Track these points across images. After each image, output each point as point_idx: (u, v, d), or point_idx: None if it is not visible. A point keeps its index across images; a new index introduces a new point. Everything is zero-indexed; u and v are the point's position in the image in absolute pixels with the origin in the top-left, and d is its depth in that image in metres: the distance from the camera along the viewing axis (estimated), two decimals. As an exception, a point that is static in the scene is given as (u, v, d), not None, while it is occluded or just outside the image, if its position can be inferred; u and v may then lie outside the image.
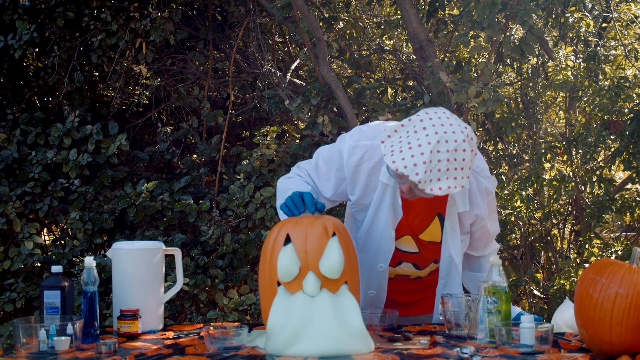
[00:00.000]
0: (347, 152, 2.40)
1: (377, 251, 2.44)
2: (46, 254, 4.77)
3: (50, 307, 2.33)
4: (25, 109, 4.93)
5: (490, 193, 2.48)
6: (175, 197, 4.59)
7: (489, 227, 2.52)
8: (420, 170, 2.09)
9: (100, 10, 4.81)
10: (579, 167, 4.61)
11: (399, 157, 2.12)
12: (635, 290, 1.93)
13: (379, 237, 2.42)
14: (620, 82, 4.29)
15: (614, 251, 4.62)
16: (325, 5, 4.97)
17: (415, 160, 2.09)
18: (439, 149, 2.10)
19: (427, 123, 2.15)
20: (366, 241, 2.46)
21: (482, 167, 2.46)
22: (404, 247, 2.48)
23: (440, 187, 2.12)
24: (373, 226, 2.42)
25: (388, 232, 2.41)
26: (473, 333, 2.18)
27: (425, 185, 2.11)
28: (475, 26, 4.10)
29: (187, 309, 4.53)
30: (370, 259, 2.47)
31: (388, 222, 2.40)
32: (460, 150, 2.13)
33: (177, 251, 2.64)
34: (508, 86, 5.12)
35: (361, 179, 2.40)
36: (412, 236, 2.46)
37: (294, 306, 2.07)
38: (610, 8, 4.68)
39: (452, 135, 2.13)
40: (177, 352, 2.12)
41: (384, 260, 2.46)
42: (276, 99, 4.67)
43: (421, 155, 2.09)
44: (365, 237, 2.45)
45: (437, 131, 2.12)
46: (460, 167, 2.14)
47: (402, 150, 2.13)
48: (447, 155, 2.11)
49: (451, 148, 2.11)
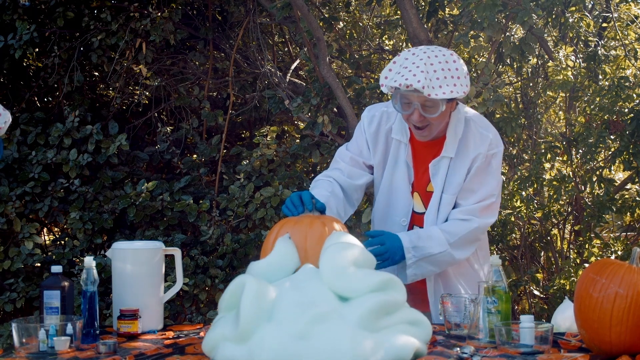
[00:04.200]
0: (366, 122, 2.65)
1: (398, 206, 2.61)
2: (46, 254, 4.77)
3: (50, 307, 2.33)
4: (25, 109, 4.93)
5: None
6: (175, 197, 4.59)
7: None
8: (420, 78, 2.30)
9: (100, 10, 4.81)
10: (579, 167, 4.61)
11: (400, 77, 2.34)
12: (635, 290, 1.93)
13: (399, 192, 2.61)
14: (621, 82, 4.28)
15: (614, 251, 4.61)
16: (325, 5, 4.97)
17: (414, 72, 2.33)
18: (432, 62, 2.35)
19: (415, 50, 2.42)
20: (387, 199, 2.64)
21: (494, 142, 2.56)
22: (415, 208, 2.62)
23: (443, 91, 2.33)
24: (393, 183, 2.61)
25: (406, 186, 2.60)
26: (473, 333, 2.18)
27: (429, 90, 2.31)
28: (475, 26, 4.10)
29: (187, 309, 4.53)
30: (393, 215, 2.63)
31: (404, 176, 2.59)
32: (451, 61, 2.39)
33: (177, 251, 2.64)
34: (508, 86, 5.12)
35: (380, 142, 2.62)
36: (420, 192, 2.61)
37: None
38: (610, 8, 4.68)
39: (440, 52, 2.40)
40: (177, 352, 2.12)
41: (406, 214, 2.61)
42: (276, 99, 4.67)
43: (417, 68, 2.33)
44: (387, 196, 2.63)
45: (426, 51, 2.39)
46: (457, 76, 2.37)
47: (400, 72, 2.36)
48: (440, 65, 2.35)
49: (442, 60, 2.37)
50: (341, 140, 4.45)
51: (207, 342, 2.00)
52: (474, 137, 2.53)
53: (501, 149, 2.57)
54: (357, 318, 1.90)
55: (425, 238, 2.51)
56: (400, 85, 2.32)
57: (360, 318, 1.90)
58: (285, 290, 1.98)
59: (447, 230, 2.53)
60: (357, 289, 1.98)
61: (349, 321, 1.90)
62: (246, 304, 1.91)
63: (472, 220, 2.53)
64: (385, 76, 2.41)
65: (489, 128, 2.57)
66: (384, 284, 2.00)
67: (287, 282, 2.04)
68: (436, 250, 2.50)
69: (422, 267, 2.51)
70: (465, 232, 2.53)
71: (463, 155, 2.53)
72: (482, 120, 2.60)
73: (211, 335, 1.99)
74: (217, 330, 1.98)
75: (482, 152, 2.52)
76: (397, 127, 2.59)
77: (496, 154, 2.55)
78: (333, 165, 2.71)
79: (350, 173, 2.64)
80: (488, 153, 2.52)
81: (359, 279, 2.00)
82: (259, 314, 1.91)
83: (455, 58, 2.41)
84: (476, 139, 2.53)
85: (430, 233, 2.53)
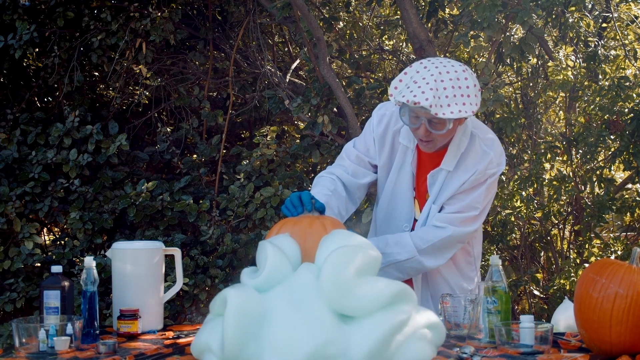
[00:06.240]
0: (376, 121, 2.62)
1: (402, 211, 2.60)
2: (46, 254, 4.77)
3: (50, 307, 2.33)
4: (25, 109, 4.93)
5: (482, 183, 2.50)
6: (175, 197, 4.59)
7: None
8: (429, 96, 2.27)
9: (100, 10, 4.81)
10: (579, 167, 4.61)
11: (408, 93, 2.30)
12: (635, 290, 1.93)
13: (402, 197, 2.59)
14: (621, 82, 4.28)
15: (614, 251, 4.61)
16: (325, 5, 4.97)
17: (423, 89, 2.29)
18: (442, 78, 2.30)
19: (427, 63, 2.37)
20: (391, 203, 2.63)
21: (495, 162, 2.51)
22: (415, 214, 2.61)
23: (452, 111, 2.29)
24: (396, 187, 2.60)
25: (409, 192, 2.59)
26: (473, 333, 2.19)
27: (437, 109, 2.28)
28: (475, 26, 4.10)
29: (187, 309, 4.53)
30: (395, 219, 2.62)
31: (408, 182, 2.58)
32: (462, 78, 2.33)
33: (176, 251, 2.64)
34: (508, 86, 5.12)
35: (387, 144, 2.60)
36: (419, 200, 2.60)
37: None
38: (610, 8, 4.68)
39: (452, 67, 2.35)
40: (177, 352, 2.12)
41: (408, 220, 2.60)
42: (276, 99, 4.67)
43: (427, 84, 2.29)
44: (390, 199, 2.62)
45: (437, 66, 2.34)
46: (467, 94, 2.32)
47: (409, 87, 2.32)
48: (450, 82, 2.30)
49: (453, 77, 2.31)
50: (341, 140, 4.45)
51: (196, 345, 1.94)
52: (475, 153, 2.49)
53: (501, 168, 2.52)
54: (365, 354, 1.78)
55: (393, 244, 2.50)
56: (408, 101, 2.29)
57: (369, 353, 1.78)
58: (278, 308, 1.85)
59: (419, 235, 2.51)
60: (363, 309, 1.84)
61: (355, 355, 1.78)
62: (229, 326, 1.79)
63: (446, 228, 2.49)
64: (395, 86, 2.38)
65: (493, 146, 2.51)
66: (392, 298, 1.87)
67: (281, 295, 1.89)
68: (403, 257, 2.48)
69: (388, 274, 2.48)
70: (437, 239, 2.49)
71: (461, 169, 2.49)
72: (487, 137, 2.53)
73: (200, 339, 1.92)
74: (205, 336, 1.90)
75: (480, 170, 2.47)
76: (405, 131, 2.56)
77: (494, 174, 2.50)
78: (338, 162, 2.70)
79: (355, 171, 2.63)
80: (486, 171, 2.48)
81: (364, 297, 1.85)
82: (244, 336, 1.79)
83: (467, 75, 2.34)
84: (477, 156, 2.49)
85: (399, 239, 2.51)
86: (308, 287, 1.89)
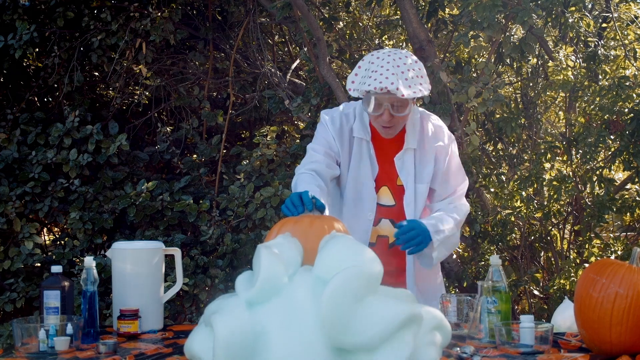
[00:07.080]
0: (329, 121, 2.70)
1: (364, 202, 2.68)
2: (46, 254, 4.77)
3: (50, 307, 2.33)
4: (25, 109, 4.93)
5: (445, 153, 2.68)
6: (175, 197, 4.59)
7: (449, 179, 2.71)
8: (393, 80, 2.43)
9: (100, 10, 4.81)
10: (579, 167, 4.61)
11: (373, 81, 2.45)
12: (635, 290, 1.93)
13: (363, 188, 2.68)
14: (621, 82, 4.28)
15: (614, 251, 4.61)
16: (325, 5, 4.97)
17: (386, 75, 2.45)
18: (398, 64, 2.48)
19: (378, 54, 2.54)
20: (354, 196, 2.69)
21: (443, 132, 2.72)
22: (383, 201, 2.69)
23: (414, 91, 2.46)
24: (358, 179, 2.67)
25: (369, 183, 2.67)
26: (473, 333, 2.18)
27: (403, 90, 2.43)
28: (475, 26, 4.10)
29: (187, 309, 4.53)
30: (359, 212, 2.68)
31: (367, 172, 2.66)
32: (413, 62, 2.53)
33: (176, 251, 2.64)
34: (508, 86, 5.12)
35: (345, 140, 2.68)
36: (389, 186, 2.69)
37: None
38: (610, 8, 4.68)
39: (401, 53, 2.54)
40: (177, 352, 2.12)
41: (371, 209, 2.67)
42: (276, 99, 4.67)
43: (387, 71, 2.46)
44: (353, 192, 2.69)
45: (390, 54, 2.51)
46: (420, 75, 2.52)
47: (371, 76, 2.47)
48: (405, 67, 2.48)
49: (407, 62, 2.51)
50: (341, 140, 4.45)
51: (188, 349, 1.90)
52: (430, 128, 2.68)
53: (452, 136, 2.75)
54: None
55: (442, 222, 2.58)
56: (375, 88, 2.44)
57: None
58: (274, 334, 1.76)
59: (451, 215, 2.62)
60: (366, 346, 1.73)
61: None
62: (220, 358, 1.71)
63: (463, 204, 2.70)
64: (352, 81, 2.55)
65: (438, 119, 2.75)
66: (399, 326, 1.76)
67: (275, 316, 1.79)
68: (451, 232, 2.57)
69: (440, 251, 2.58)
70: (464, 214, 2.68)
71: (426, 145, 2.66)
72: (429, 113, 2.76)
73: (192, 345, 1.87)
74: (196, 345, 1.85)
75: (444, 142, 2.67)
76: (357, 126, 2.67)
77: (453, 140, 2.72)
78: (308, 160, 2.68)
79: (328, 164, 2.67)
80: (448, 142, 2.68)
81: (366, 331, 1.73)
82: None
83: (416, 59, 2.56)
84: (435, 130, 2.68)
85: (441, 217, 2.60)
86: (304, 309, 1.79)
